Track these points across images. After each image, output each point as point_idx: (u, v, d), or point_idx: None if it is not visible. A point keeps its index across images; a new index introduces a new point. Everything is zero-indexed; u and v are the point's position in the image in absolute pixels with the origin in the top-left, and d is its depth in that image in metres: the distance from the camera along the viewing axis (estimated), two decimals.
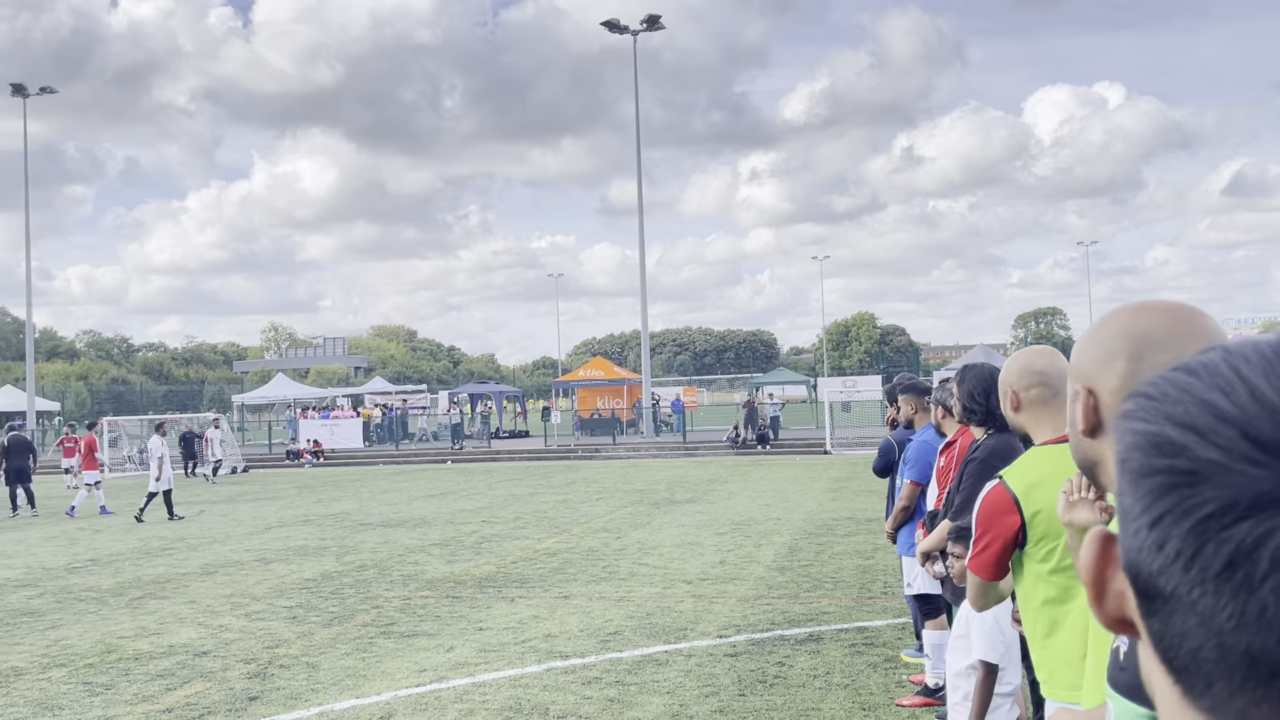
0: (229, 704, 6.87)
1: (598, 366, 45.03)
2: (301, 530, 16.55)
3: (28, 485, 20.81)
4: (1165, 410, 0.54)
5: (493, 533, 15.41)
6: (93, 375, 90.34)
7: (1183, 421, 0.52)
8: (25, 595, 11.34)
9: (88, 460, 20.94)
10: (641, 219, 41.79)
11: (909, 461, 6.55)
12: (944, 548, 4.34)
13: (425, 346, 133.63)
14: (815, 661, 7.43)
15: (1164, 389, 0.55)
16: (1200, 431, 0.51)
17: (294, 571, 12.32)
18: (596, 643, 8.20)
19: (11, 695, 7.27)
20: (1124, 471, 0.54)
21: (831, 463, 27.87)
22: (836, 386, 37.49)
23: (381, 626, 9.09)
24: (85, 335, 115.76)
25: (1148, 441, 0.53)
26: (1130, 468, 0.54)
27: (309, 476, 30.26)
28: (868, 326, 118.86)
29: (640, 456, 33.50)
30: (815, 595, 9.85)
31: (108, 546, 15.38)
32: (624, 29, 41.00)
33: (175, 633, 9.12)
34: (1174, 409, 0.53)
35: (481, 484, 24.81)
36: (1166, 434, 0.53)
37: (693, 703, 6.54)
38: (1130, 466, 0.54)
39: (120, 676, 7.68)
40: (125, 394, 67.68)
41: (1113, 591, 0.58)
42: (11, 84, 44.24)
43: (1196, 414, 0.52)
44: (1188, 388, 0.54)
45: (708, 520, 15.94)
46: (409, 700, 6.83)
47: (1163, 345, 1.34)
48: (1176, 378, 0.55)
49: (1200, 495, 0.50)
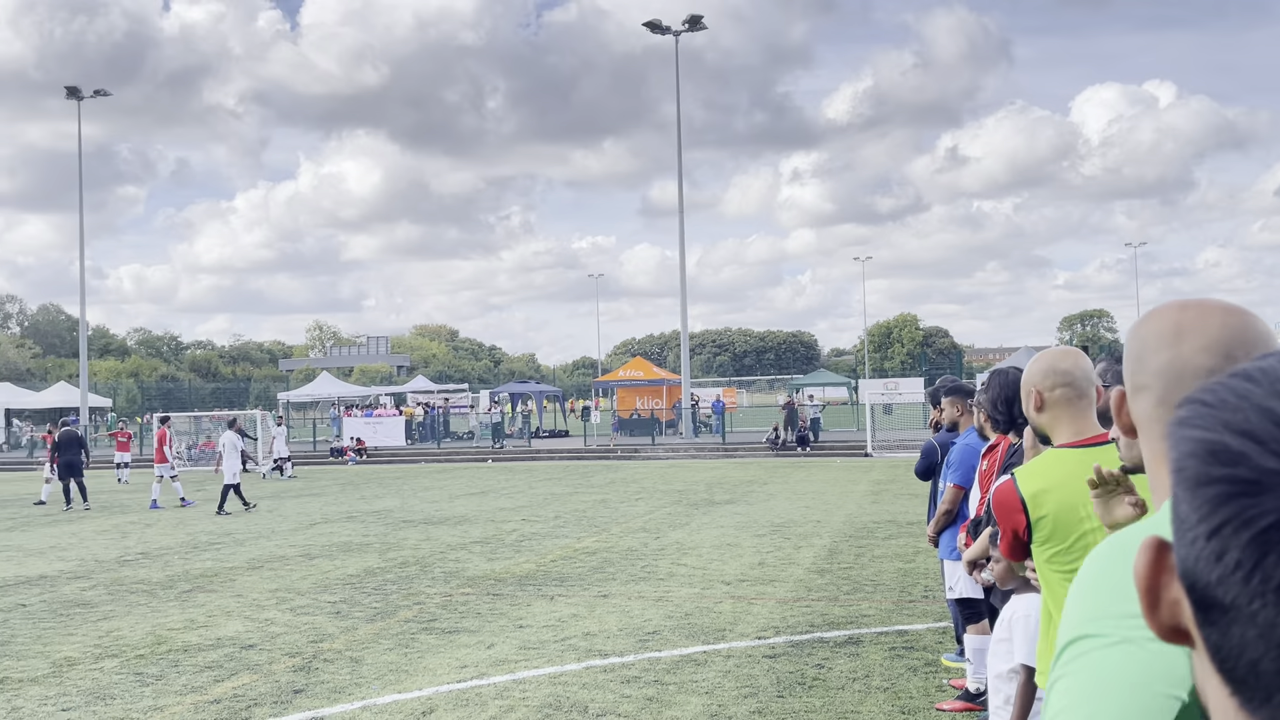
0: (274, 696, 6.99)
1: (637, 367, 45.10)
2: (345, 527, 16.76)
3: (80, 479, 21.27)
4: (1224, 417, 0.52)
5: (533, 531, 15.51)
6: (143, 372, 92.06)
7: (1242, 429, 0.51)
8: (79, 587, 11.61)
9: (159, 454, 21.60)
10: (682, 219, 41.81)
11: (952, 465, 6.52)
12: (989, 555, 4.32)
13: (467, 346, 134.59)
14: (855, 664, 7.41)
15: (1222, 395, 0.54)
16: (1260, 439, 0.50)
17: (338, 567, 12.49)
18: (635, 642, 8.24)
19: (65, 685, 7.46)
20: (1180, 480, 0.54)
21: (872, 465, 27.70)
22: (878, 388, 37.24)
23: (423, 623, 9.19)
24: (136, 333, 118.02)
25: (1205, 449, 0.52)
26: (1187, 476, 0.53)
27: (352, 474, 30.61)
28: (910, 328, 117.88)
29: (679, 457, 33.50)
30: (855, 598, 9.81)
31: (158, 540, 15.69)
32: (666, 29, 41.01)
33: (223, 626, 9.30)
34: (1233, 416, 0.52)
35: (522, 483, 24.96)
36: (1225, 442, 0.51)
37: (731, 703, 6.56)
38: (1187, 475, 0.53)
39: (170, 668, 7.84)
40: (174, 391, 68.88)
41: (1167, 600, 0.57)
42: (66, 87, 45.21)
43: (1256, 421, 0.51)
44: (1247, 394, 0.53)
45: (747, 521, 15.92)
46: (450, 696, 6.91)
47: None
48: (1235, 384, 0.54)
49: (1261, 505, 0.49)
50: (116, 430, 32.52)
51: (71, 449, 21.43)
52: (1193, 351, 1.12)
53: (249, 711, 6.67)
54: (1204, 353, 1.12)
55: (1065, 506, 2.76)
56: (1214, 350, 1.11)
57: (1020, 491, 2.82)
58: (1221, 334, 1.11)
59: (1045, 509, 2.76)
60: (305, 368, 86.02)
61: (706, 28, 41.02)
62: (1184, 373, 1.13)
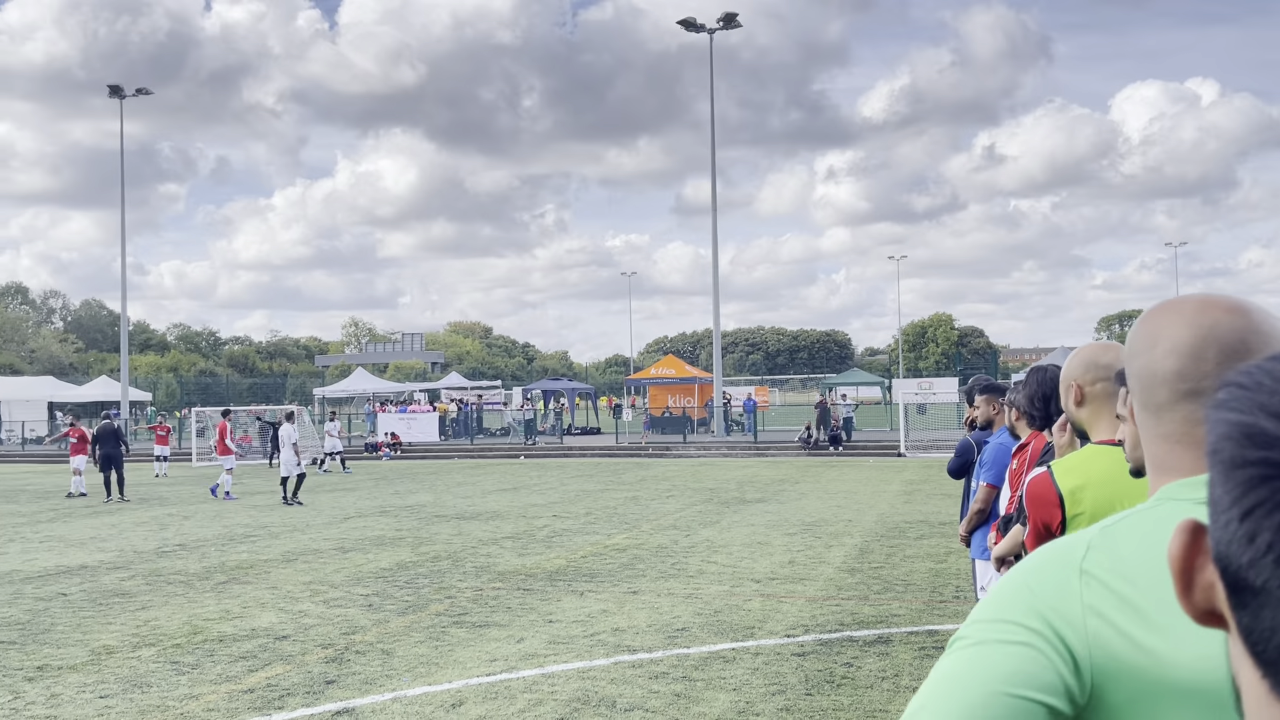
0: (307, 686, 7.08)
1: (669, 365, 45.08)
2: (379, 521, 16.91)
3: (119, 472, 21.63)
4: (1260, 400, 0.53)
5: (564, 527, 15.57)
6: (182, 367, 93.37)
7: (1277, 412, 0.51)
8: (118, 577, 11.80)
9: (221, 446, 22.08)
10: (715, 217, 41.74)
11: (985, 463, 6.46)
12: (1019, 553, 4.29)
13: (500, 343, 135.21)
14: (884, 663, 7.38)
15: (1258, 378, 0.54)
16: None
17: (371, 561, 12.61)
18: (664, 638, 8.25)
19: (103, 672, 7.59)
20: (1215, 462, 0.54)
21: (905, 465, 27.53)
22: (911, 388, 36.95)
23: (454, 616, 9.26)
24: (175, 328, 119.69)
25: (1240, 432, 0.52)
26: (1222, 458, 0.53)
27: (386, 469, 30.87)
28: (945, 328, 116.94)
29: (711, 455, 33.47)
30: (885, 597, 9.76)
31: (195, 532, 15.91)
32: (700, 27, 40.95)
33: (257, 617, 9.42)
34: (1269, 399, 0.52)
35: (553, 479, 25.05)
36: (1260, 425, 0.52)
37: (759, 700, 6.55)
38: (1222, 457, 0.53)
39: (205, 657, 7.96)
40: (212, 386, 69.74)
41: (1201, 583, 0.56)
42: (109, 85, 45.94)
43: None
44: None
45: (778, 520, 15.88)
46: (479, 689, 6.96)
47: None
48: (1272, 367, 0.54)
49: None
50: (155, 424, 33.00)
51: (110, 442, 21.80)
52: (1162, 354, 1.12)
53: (282, 701, 6.76)
54: (1171, 355, 1.11)
55: (1103, 503, 2.72)
56: (1181, 352, 1.11)
57: (1058, 486, 2.78)
58: (1192, 335, 1.10)
59: (1083, 505, 2.73)
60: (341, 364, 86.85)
61: (741, 25, 40.92)
62: (1154, 377, 1.12)
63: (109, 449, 21.68)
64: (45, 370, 74.64)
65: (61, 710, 6.69)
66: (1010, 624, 0.96)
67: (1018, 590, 0.99)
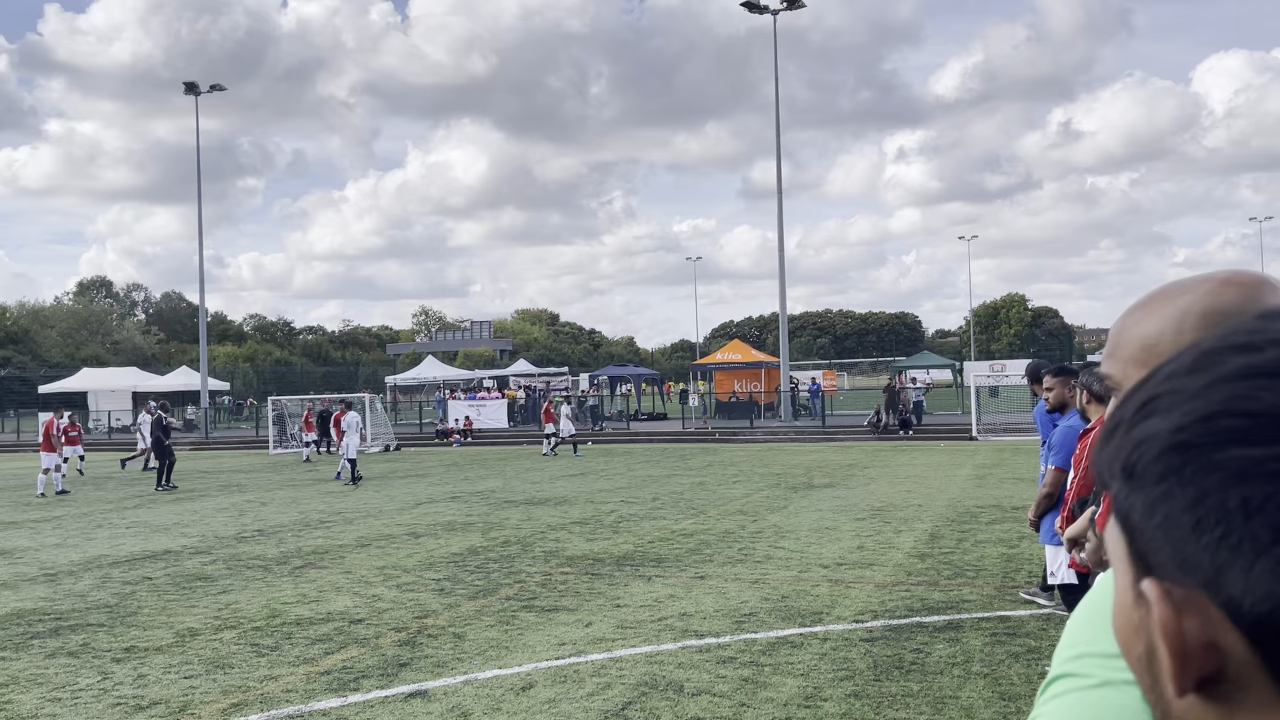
0: (381, 669, 7.24)
1: (735, 349, 44.90)
2: (449, 506, 17.18)
3: (170, 459, 22.39)
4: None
5: (631, 513, 15.65)
6: (258, 357, 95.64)
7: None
8: (200, 561, 12.18)
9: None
10: (780, 200, 41.41)
11: (1054, 447, 6.36)
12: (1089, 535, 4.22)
13: (567, 330, 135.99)
14: (954, 650, 7.30)
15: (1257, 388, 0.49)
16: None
17: (442, 546, 12.82)
18: (731, 623, 8.27)
19: (187, 654, 7.86)
20: (1264, 509, 0.46)
21: (977, 449, 27.09)
22: (984, 370, 36.33)
23: (524, 600, 9.39)
24: (251, 319, 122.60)
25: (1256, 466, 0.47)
26: (1274, 503, 0.46)
27: (456, 455, 31.31)
28: (1018, 308, 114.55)
29: (778, 440, 33.31)
30: (956, 583, 9.65)
31: (272, 518, 16.34)
32: (764, 9, 40.55)
33: (332, 601, 9.65)
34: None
35: (620, 465, 25.17)
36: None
37: (827, 685, 6.54)
38: (1274, 502, 0.46)
39: (284, 640, 8.19)
40: (287, 375, 71.41)
41: (1196, 655, 0.49)
42: (184, 82, 47.10)
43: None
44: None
45: (846, 505, 15.77)
46: (549, 672, 7.06)
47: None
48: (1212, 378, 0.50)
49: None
50: (307, 413, 33.32)
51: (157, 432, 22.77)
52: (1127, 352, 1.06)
53: (357, 683, 6.93)
54: (1194, 333, 1.06)
55: None
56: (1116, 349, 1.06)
57: None
58: (1134, 331, 1.05)
59: None
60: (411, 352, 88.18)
61: (805, 5, 40.42)
62: (1122, 379, 1.07)
63: (158, 435, 22.55)
64: (129, 361, 77.07)
65: (148, 690, 6.94)
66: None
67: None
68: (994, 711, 5.99)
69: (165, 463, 22.38)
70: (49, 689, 7.04)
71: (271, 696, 6.70)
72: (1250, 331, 0.51)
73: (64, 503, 19.85)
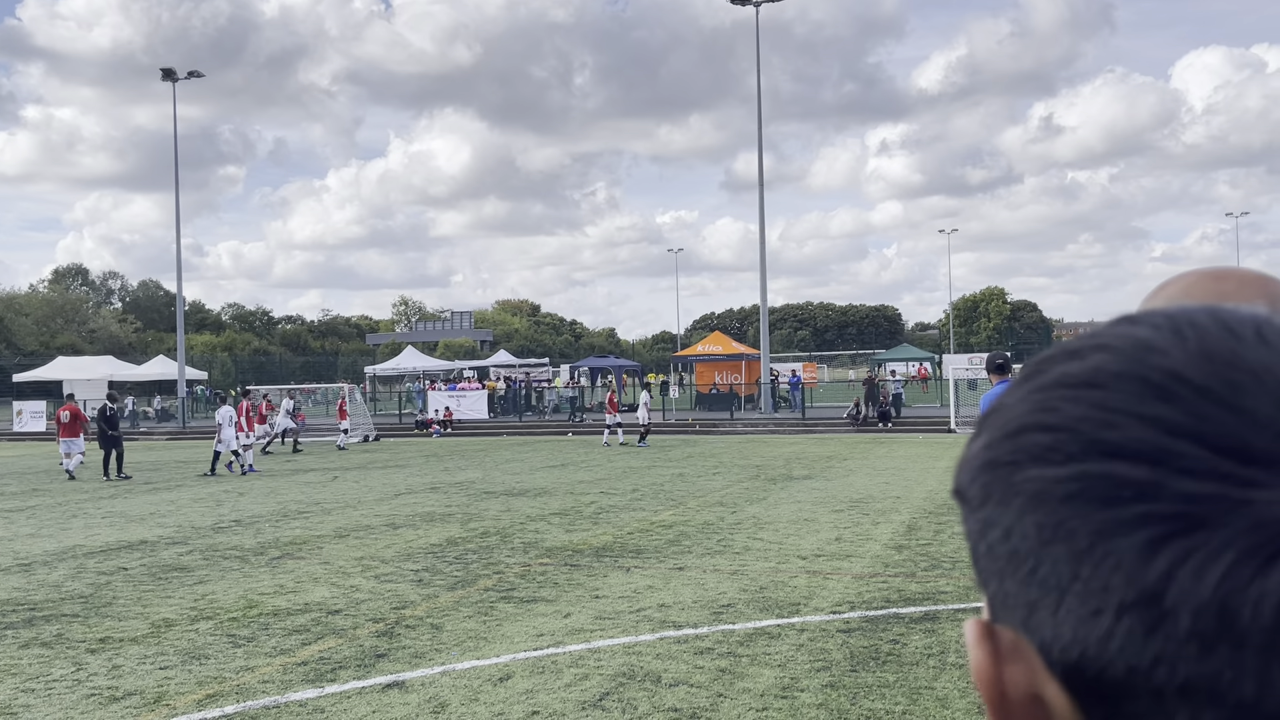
0: (358, 660, 7.23)
1: (716, 341, 44.98)
2: (428, 497, 17.14)
3: (118, 450, 22.22)
4: (1091, 438, 0.40)
5: (610, 504, 15.66)
6: (237, 346, 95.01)
7: (1131, 451, 0.39)
8: (176, 552, 12.11)
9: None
10: (762, 192, 41.47)
11: None
12: None
13: (548, 321, 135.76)
14: (930, 640, 7.35)
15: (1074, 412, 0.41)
16: (1163, 458, 0.38)
17: (421, 536, 12.80)
18: (709, 614, 8.29)
19: (163, 645, 7.81)
20: (1057, 539, 0.40)
21: (955, 441, 27.26)
22: (962, 364, 36.53)
23: (502, 591, 9.38)
24: (230, 308, 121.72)
25: (1087, 490, 0.39)
26: (1067, 531, 0.39)
27: (436, 445, 31.22)
28: (997, 302, 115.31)
29: (758, 432, 33.41)
30: (933, 575, 9.71)
31: (250, 509, 16.25)
32: (748, 1, 40.55)
33: (310, 591, 9.61)
34: (1106, 434, 0.40)
35: (600, 456, 25.17)
36: (1117, 473, 0.39)
37: (804, 676, 6.57)
38: (1067, 530, 0.39)
39: (260, 630, 8.15)
40: (266, 364, 70.99)
41: (1019, 710, 0.42)
42: (161, 69, 46.66)
43: (1144, 435, 0.39)
44: (1105, 403, 0.40)
45: (825, 497, 15.84)
46: (527, 663, 7.06)
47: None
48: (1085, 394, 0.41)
49: (1209, 542, 0.36)
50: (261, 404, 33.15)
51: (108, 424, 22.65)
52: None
53: (334, 674, 6.91)
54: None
55: None
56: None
57: None
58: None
59: None
60: (391, 342, 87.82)
61: None
62: None
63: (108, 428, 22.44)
64: (105, 350, 76.42)
65: (123, 681, 6.90)
66: None
67: None
68: (969, 701, 6.04)
69: (110, 452, 22.14)
70: (22, 679, 6.99)
71: (248, 687, 6.67)
72: (1091, 336, 0.43)
73: (39, 492, 19.69)
